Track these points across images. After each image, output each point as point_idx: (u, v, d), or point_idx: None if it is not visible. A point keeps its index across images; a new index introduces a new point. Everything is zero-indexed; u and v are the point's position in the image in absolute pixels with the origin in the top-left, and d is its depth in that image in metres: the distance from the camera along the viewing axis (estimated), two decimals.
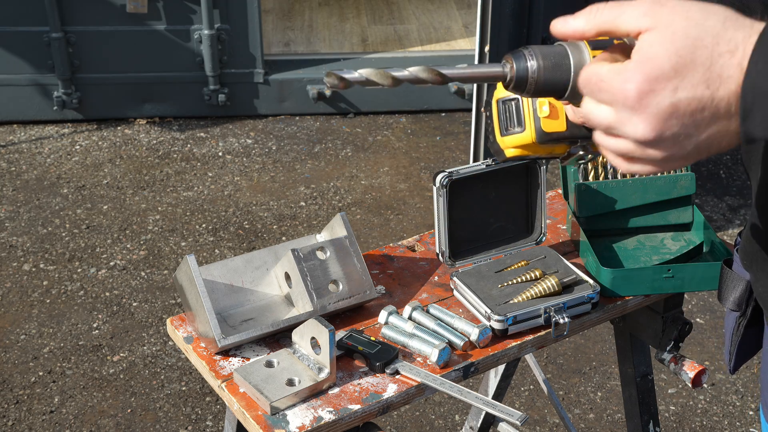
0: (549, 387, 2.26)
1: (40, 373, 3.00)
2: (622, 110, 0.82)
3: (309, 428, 1.28)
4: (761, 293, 1.10)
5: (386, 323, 1.48)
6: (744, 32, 0.79)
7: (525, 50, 0.94)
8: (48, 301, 3.34)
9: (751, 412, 2.86)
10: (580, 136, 1.12)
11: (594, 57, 0.91)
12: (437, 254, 1.60)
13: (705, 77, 0.79)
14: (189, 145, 4.45)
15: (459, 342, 1.43)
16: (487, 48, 3.28)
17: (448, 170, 1.56)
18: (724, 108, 0.80)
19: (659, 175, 1.70)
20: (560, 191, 1.83)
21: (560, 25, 0.88)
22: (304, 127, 4.64)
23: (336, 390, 1.35)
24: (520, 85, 0.94)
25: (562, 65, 0.92)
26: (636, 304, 1.58)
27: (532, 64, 0.93)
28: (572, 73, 0.92)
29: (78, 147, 4.43)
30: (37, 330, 3.19)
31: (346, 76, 0.92)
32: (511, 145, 1.20)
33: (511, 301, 1.48)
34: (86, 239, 3.71)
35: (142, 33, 4.47)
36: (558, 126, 1.15)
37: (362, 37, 5.18)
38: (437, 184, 1.56)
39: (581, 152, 1.14)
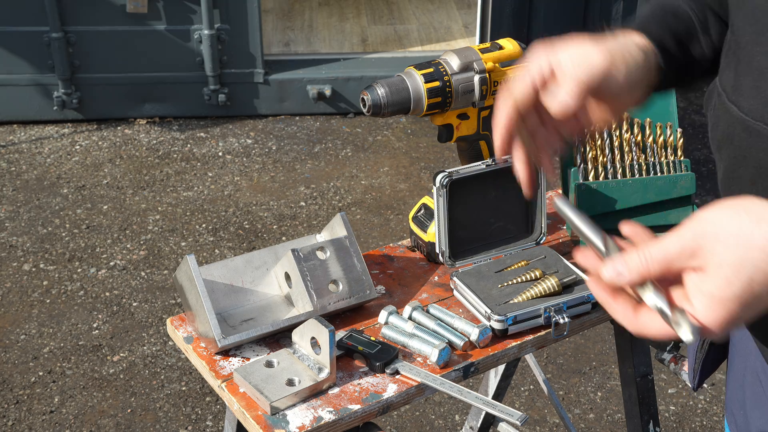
0: (549, 387, 2.26)
1: (40, 373, 2.99)
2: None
3: (309, 428, 1.28)
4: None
5: (386, 323, 1.48)
6: None
7: (375, 83, 1.32)
8: (48, 301, 3.34)
9: None
10: None
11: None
12: (437, 254, 1.60)
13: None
14: (189, 145, 4.45)
15: (459, 342, 1.43)
16: None
17: (448, 170, 1.56)
18: None
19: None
20: (560, 191, 1.83)
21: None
22: (304, 127, 4.64)
23: (336, 390, 1.35)
24: (377, 109, 1.33)
25: (402, 89, 1.35)
26: None
27: (381, 91, 1.34)
28: (411, 93, 1.32)
29: (78, 147, 4.43)
30: (37, 330, 3.19)
31: None
32: None
33: (511, 301, 1.48)
34: (86, 239, 3.71)
35: (142, 33, 4.47)
36: None
37: (362, 37, 5.18)
38: (437, 184, 1.56)
39: None
